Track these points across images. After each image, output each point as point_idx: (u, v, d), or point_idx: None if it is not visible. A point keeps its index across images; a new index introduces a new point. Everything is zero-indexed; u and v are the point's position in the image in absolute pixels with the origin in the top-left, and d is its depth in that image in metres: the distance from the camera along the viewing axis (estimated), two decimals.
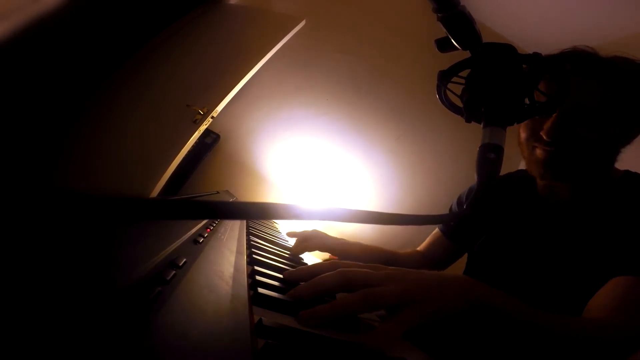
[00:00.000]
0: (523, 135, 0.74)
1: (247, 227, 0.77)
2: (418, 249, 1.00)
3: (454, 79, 0.52)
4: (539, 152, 0.69)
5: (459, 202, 0.98)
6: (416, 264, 0.93)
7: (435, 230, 0.99)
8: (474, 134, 0.66)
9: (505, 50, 0.46)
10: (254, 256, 0.50)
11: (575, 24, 2.11)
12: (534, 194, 0.79)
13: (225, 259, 0.37)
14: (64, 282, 0.16)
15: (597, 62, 0.66)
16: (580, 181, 0.70)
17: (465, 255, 0.94)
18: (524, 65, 0.46)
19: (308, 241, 0.78)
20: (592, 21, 2.03)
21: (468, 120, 0.49)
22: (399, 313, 0.35)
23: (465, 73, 0.49)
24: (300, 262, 0.68)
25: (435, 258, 0.95)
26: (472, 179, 0.44)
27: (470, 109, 0.47)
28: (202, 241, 0.40)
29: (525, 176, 0.84)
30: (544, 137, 0.66)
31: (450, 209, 1.00)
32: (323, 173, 2.29)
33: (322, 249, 0.78)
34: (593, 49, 0.69)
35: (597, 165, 0.68)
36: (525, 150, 0.74)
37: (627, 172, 0.71)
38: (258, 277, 0.39)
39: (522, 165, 0.78)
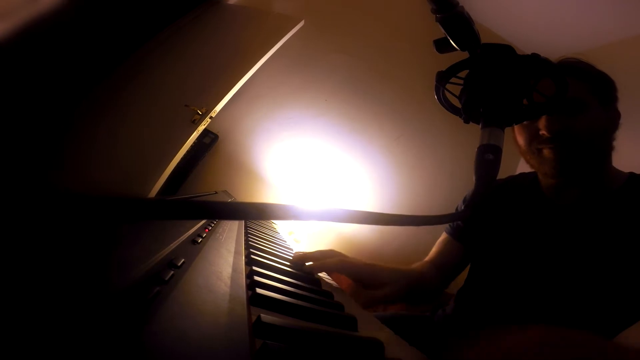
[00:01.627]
0: (522, 142, 0.74)
1: (246, 227, 0.77)
2: (427, 259, 0.93)
3: (453, 79, 0.52)
4: (546, 152, 0.70)
5: (465, 202, 0.97)
6: (434, 279, 0.87)
7: (443, 236, 0.95)
8: (472, 135, 0.66)
9: (503, 51, 0.46)
10: (252, 256, 0.50)
11: (574, 24, 2.11)
12: (541, 195, 0.79)
13: (223, 259, 0.37)
14: (63, 283, 0.16)
15: (560, 63, 0.72)
16: (590, 176, 0.71)
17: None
18: (522, 66, 0.46)
19: (331, 259, 0.70)
20: (591, 22, 2.04)
21: (467, 121, 0.49)
22: None
23: (463, 74, 0.49)
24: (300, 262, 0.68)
25: (448, 264, 0.90)
26: (470, 179, 0.44)
27: (469, 109, 0.47)
28: (201, 241, 0.40)
29: (529, 178, 0.84)
30: (546, 134, 0.68)
31: (457, 210, 0.97)
32: (321, 173, 2.29)
33: (346, 274, 0.69)
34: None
35: (599, 155, 0.70)
36: (531, 157, 0.74)
37: (632, 174, 0.72)
38: (256, 278, 0.39)
39: (521, 167, 0.78)
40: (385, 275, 0.71)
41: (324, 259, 0.69)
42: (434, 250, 0.94)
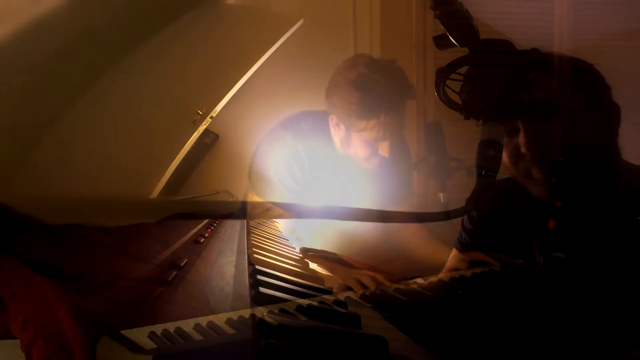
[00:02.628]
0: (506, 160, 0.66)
1: (248, 226, 0.77)
2: (443, 273, 0.91)
3: (453, 75, 0.52)
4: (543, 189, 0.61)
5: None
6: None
7: (453, 252, 0.92)
8: (473, 131, 0.64)
9: (503, 47, 0.46)
10: (255, 255, 0.50)
11: (573, 21, 2.10)
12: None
13: (226, 258, 0.37)
14: (67, 281, 0.16)
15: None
16: (600, 188, 0.62)
17: None
18: (522, 61, 0.46)
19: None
20: (590, 17, 2.03)
21: (467, 117, 0.49)
22: None
23: (463, 70, 0.49)
24: (303, 261, 0.68)
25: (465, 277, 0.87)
26: (471, 176, 0.44)
27: (469, 105, 0.47)
28: (203, 241, 0.40)
29: None
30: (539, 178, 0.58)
31: (462, 221, 0.90)
32: (322, 172, 2.29)
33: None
34: None
35: (607, 163, 0.62)
36: (537, 191, 0.64)
37: None
38: (259, 277, 0.39)
39: None
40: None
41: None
42: (447, 266, 0.91)
